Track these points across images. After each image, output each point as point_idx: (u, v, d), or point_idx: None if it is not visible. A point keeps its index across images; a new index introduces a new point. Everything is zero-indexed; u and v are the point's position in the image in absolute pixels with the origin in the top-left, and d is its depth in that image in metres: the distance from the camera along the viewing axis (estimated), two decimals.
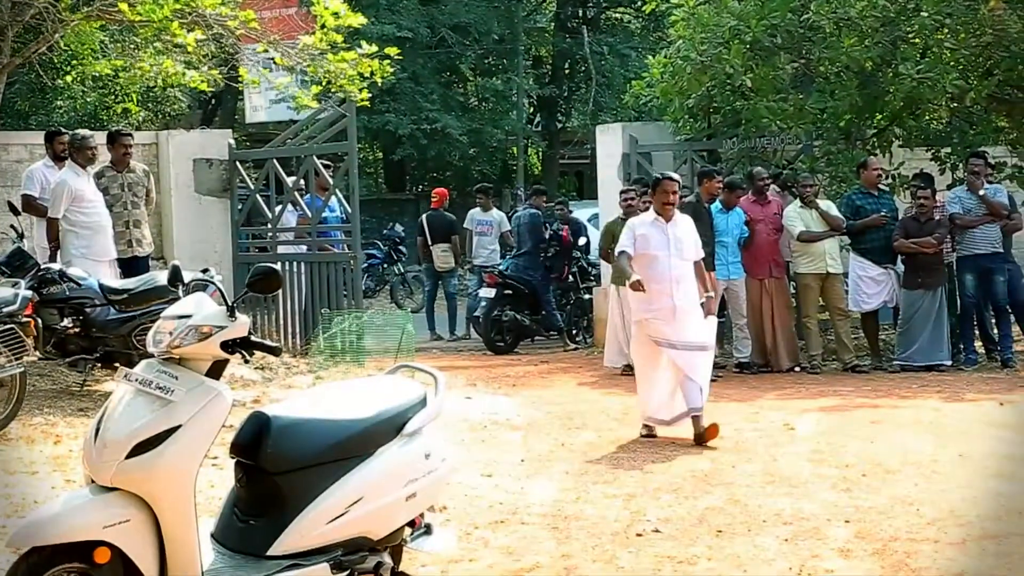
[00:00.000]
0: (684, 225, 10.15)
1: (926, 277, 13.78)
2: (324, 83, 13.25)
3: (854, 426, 10.42)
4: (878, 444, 9.56)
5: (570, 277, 18.02)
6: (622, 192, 14.80)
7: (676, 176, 10.49)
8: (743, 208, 14.21)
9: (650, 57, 17.13)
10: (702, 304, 10.09)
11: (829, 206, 14.23)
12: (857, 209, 14.18)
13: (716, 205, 13.95)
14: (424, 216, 19.64)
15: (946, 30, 14.87)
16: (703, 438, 9.73)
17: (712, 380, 13.24)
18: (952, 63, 14.55)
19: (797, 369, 14.21)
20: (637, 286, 9.61)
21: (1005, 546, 6.53)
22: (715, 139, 16.73)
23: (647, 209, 14.84)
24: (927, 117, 15.94)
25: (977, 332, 14.35)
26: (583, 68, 34.79)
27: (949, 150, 15.94)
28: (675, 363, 9.85)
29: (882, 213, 14.11)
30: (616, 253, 10.29)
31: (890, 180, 15.44)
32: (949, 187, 15.18)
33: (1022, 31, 14.47)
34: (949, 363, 13.68)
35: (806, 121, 15.42)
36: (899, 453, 9.13)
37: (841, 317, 14.32)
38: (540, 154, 39.20)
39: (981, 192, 13.98)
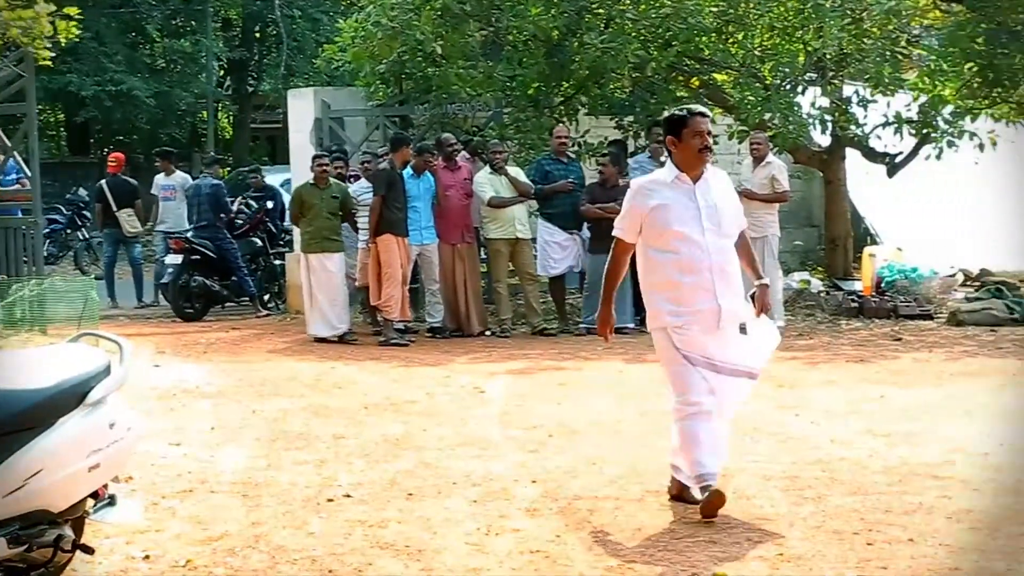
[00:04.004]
0: (720, 185, 6.74)
1: (610, 243, 14.14)
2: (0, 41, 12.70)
3: (542, 388, 10.67)
4: (564, 406, 9.81)
5: (258, 241, 17.73)
6: (315, 157, 14.68)
7: (706, 111, 6.81)
8: (434, 173, 14.31)
9: (342, 21, 17.06)
10: (752, 296, 6.82)
11: (518, 172, 14.49)
12: (546, 175, 14.47)
13: (408, 171, 14.02)
14: (103, 181, 18.97)
15: (628, 2, 15.32)
16: (710, 508, 6.47)
17: (405, 345, 13.49)
18: (634, 34, 15.02)
19: (488, 333, 14.43)
20: (601, 327, 7.03)
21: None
22: (407, 105, 16.80)
23: (343, 177, 14.84)
24: (611, 86, 16.39)
25: None
26: (274, 31, 34.33)
27: (632, 119, 16.43)
28: (714, 391, 6.59)
29: (569, 180, 14.44)
30: (613, 235, 6.93)
31: (577, 147, 15.82)
32: (632, 155, 15.67)
33: (699, 4, 15.03)
34: (632, 326, 14.13)
35: (495, 88, 15.65)
36: (584, 414, 9.40)
37: (530, 282, 14.61)
38: (231, 118, 38.55)
39: (662, 159, 14.43)
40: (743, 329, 6.66)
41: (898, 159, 16.16)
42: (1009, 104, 15.70)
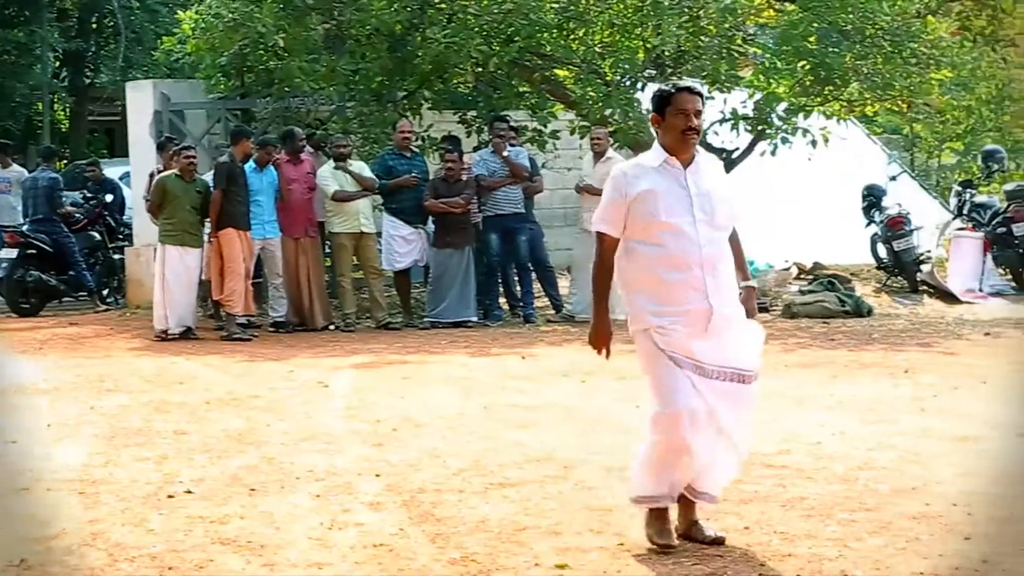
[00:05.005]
0: (712, 171, 5.99)
1: (454, 237, 14.23)
2: None
3: (386, 382, 10.68)
4: (409, 399, 9.83)
5: (96, 235, 17.37)
6: (182, 149, 14.13)
7: (700, 88, 6.09)
8: (277, 167, 14.20)
9: (181, 13, 16.83)
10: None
11: (362, 167, 14.46)
12: (389, 169, 14.47)
13: (250, 164, 13.90)
14: None
15: None
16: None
17: (247, 339, 13.38)
18: (476, 29, 15.07)
19: (332, 327, 14.39)
20: (596, 346, 6.07)
21: (523, 493, 6.88)
22: (249, 98, 16.65)
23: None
24: (454, 81, 16.43)
25: (502, 289, 14.98)
26: (112, 22, 33.61)
27: (475, 113, 16.51)
28: (703, 398, 5.77)
29: (413, 174, 14.45)
30: (594, 231, 6.07)
31: (420, 142, 15.84)
32: (475, 149, 15.75)
33: (540, 0, 15.16)
34: (475, 319, 14.22)
35: (338, 82, 15.60)
36: (428, 407, 9.43)
37: (374, 276, 14.59)
38: (68, 111, 37.67)
39: (504, 154, 14.57)
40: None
41: (734, 155, 16.46)
42: (840, 102, 16.11)
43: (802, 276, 16.67)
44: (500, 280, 14.88)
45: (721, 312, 5.76)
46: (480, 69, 15.74)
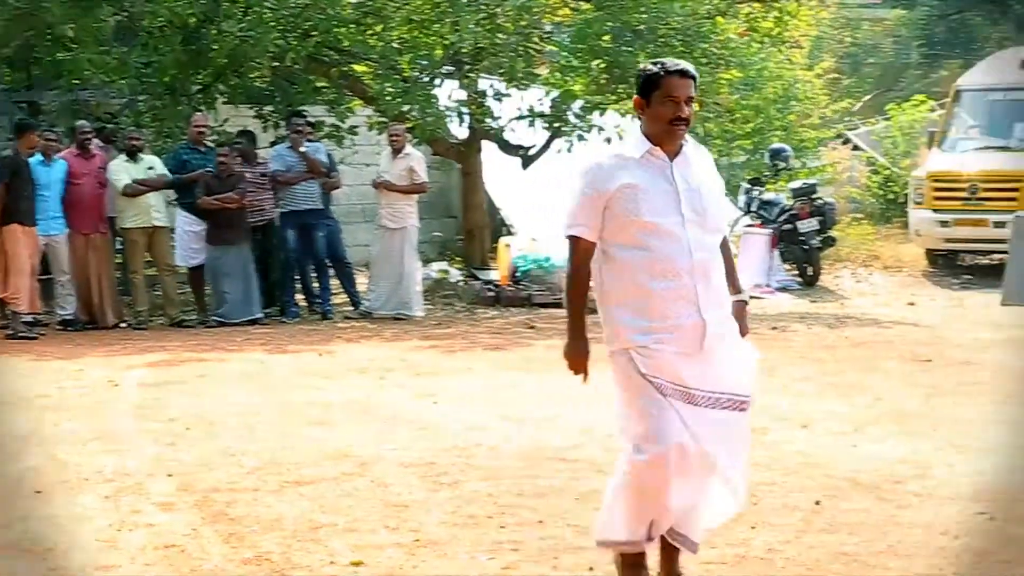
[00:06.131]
0: (701, 164, 5.15)
1: (231, 234, 13.93)
2: None
3: (180, 381, 10.48)
4: (203, 397, 9.67)
5: None
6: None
7: (693, 71, 5.09)
8: (66, 161, 13.83)
9: None
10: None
11: (155, 161, 14.17)
12: (183, 164, 14.21)
13: (37, 158, 13.49)
14: None
15: None
16: None
17: (34, 338, 13.00)
18: (273, 23, 14.91)
19: (123, 325, 14.07)
20: (575, 365, 5.13)
21: (319, 490, 6.84)
22: (35, 90, 16.19)
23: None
24: (250, 75, 16.24)
25: (299, 286, 14.85)
26: None
27: (271, 108, 16.35)
28: (693, 431, 4.92)
29: (207, 169, 14.22)
30: (566, 235, 5.10)
31: (215, 136, 15.61)
32: (272, 144, 15.60)
33: None
34: (262, 316, 14.03)
35: (130, 75, 15.28)
36: (223, 405, 9.29)
37: (168, 272, 14.33)
38: None
39: (302, 149, 14.45)
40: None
41: (532, 152, 16.64)
42: None
43: None
44: (297, 276, 14.75)
45: (715, 329, 4.95)
46: (277, 63, 15.58)
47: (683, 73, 4.99)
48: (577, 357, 5.09)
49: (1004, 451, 7.51)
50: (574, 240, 5.04)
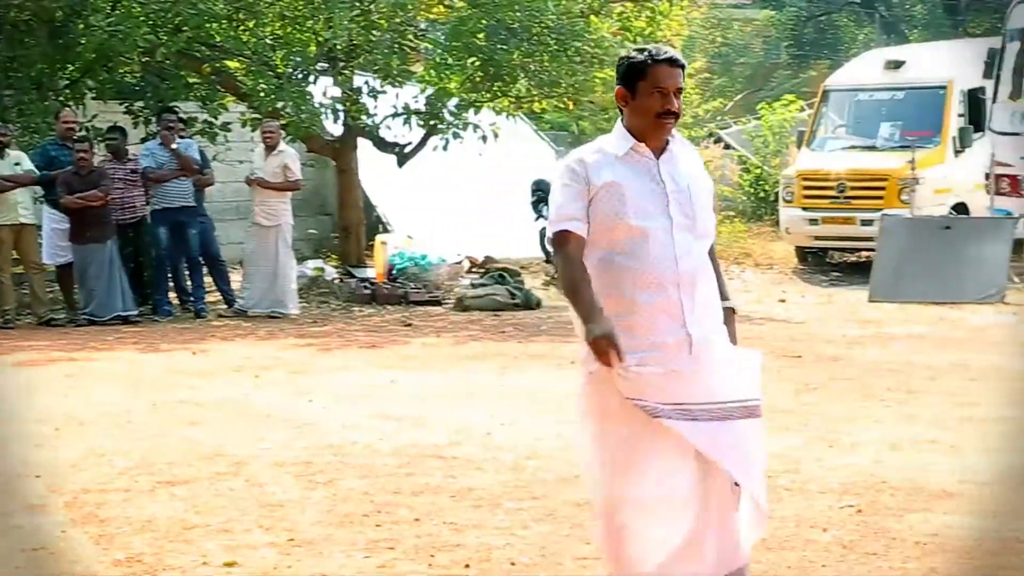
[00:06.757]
0: (690, 161, 4.63)
1: (95, 231, 13.68)
2: None
3: (49, 381, 10.28)
4: (72, 397, 9.50)
5: None
6: None
7: (682, 59, 4.58)
8: None
9: None
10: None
11: (21, 157, 13.88)
12: (51, 160, 13.94)
13: None
14: None
15: None
16: None
17: None
18: (143, 18, 14.71)
19: None
20: (604, 349, 4.26)
21: (192, 490, 6.77)
22: None
23: None
24: (120, 70, 15.99)
25: (172, 284, 14.65)
26: None
27: (142, 104, 16.12)
28: (699, 451, 4.42)
29: (67, 168, 13.92)
30: (550, 237, 4.55)
31: (84, 132, 15.34)
32: (143, 141, 15.38)
33: None
34: (134, 314, 13.81)
35: None
36: (94, 405, 9.15)
37: (36, 270, 14.04)
38: None
39: (173, 146, 14.26)
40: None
41: (407, 149, 16.62)
42: (509, 98, 16.46)
43: (474, 270, 16.94)
44: (170, 274, 14.55)
45: (701, 340, 4.44)
46: (147, 59, 15.35)
47: (672, 61, 4.50)
48: (604, 337, 4.25)
49: (872, 445, 7.67)
50: (564, 236, 4.44)
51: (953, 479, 6.82)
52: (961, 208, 17.63)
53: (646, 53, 4.53)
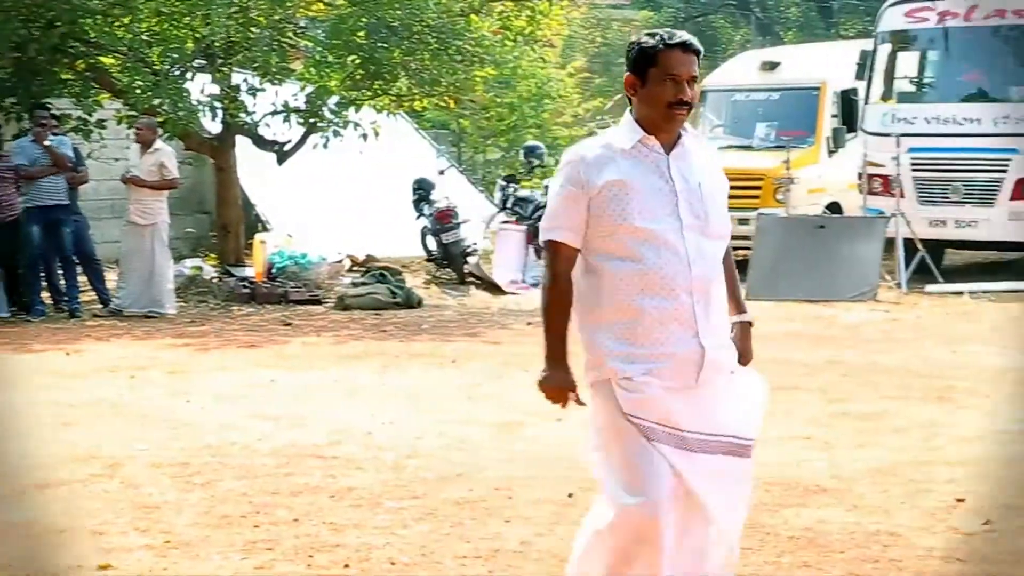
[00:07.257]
0: (703, 156, 4.35)
1: None
2: None
3: None
4: None
5: None
6: None
7: (697, 44, 4.21)
8: None
9: None
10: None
11: None
12: None
13: None
14: None
15: None
16: None
17: None
18: (14, 12, 14.42)
19: None
20: (555, 397, 4.28)
21: (66, 493, 6.67)
22: None
23: None
24: None
25: (45, 283, 14.39)
26: None
27: (14, 100, 15.79)
28: (686, 485, 4.15)
29: None
30: (542, 240, 4.32)
31: None
32: (15, 138, 15.09)
33: None
34: (7, 315, 13.55)
35: None
36: None
37: None
38: None
39: (46, 143, 14.00)
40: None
41: (287, 147, 16.49)
42: (389, 96, 16.42)
43: (355, 268, 16.88)
44: (43, 273, 14.28)
45: (713, 357, 4.17)
46: (19, 54, 15.04)
47: (686, 47, 4.16)
48: (557, 390, 4.23)
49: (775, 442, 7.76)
50: (553, 246, 4.24)
51: (826, 475, 6.95)
52: (835, 207, 17.92)
53: (658, 37, 4.20)
